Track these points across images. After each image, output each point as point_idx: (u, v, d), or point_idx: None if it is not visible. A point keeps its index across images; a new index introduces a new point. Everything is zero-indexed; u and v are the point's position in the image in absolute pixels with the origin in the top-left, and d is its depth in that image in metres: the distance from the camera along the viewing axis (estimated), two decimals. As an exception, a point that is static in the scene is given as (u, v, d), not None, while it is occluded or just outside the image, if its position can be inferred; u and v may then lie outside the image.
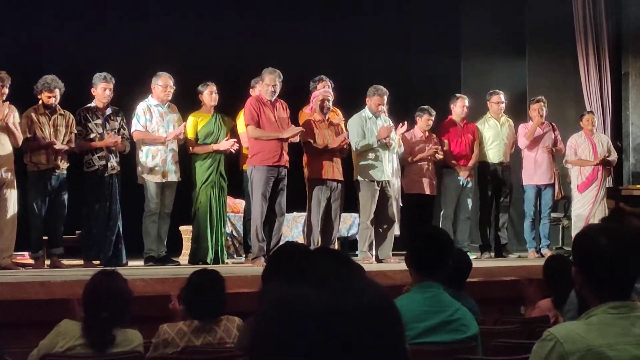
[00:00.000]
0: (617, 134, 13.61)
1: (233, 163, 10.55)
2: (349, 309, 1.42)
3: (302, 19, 13.92)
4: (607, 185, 12.16)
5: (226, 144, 10.20)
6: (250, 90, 10.58)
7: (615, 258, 2.93)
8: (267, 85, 9.93)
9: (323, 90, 10.44)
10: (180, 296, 5.14)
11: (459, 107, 11.66)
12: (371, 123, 10.55)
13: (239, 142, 10.39)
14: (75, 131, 9.73)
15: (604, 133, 12.83)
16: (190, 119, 10.29)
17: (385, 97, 10.64)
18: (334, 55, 13.30)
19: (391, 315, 1.48)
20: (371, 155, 10.46)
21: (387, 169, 10.53)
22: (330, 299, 1.42)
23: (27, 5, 12.37)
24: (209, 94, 10.28)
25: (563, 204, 12.70)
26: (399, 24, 14.62)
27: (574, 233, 11.40)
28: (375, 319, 1.44)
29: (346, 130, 10.54)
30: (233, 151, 10.27)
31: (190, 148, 10.26)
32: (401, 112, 12.15)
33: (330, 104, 10.39)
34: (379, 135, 10.42)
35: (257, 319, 1.49)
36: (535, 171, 11.82)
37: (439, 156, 11.31)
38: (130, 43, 12.66)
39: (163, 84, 10.12)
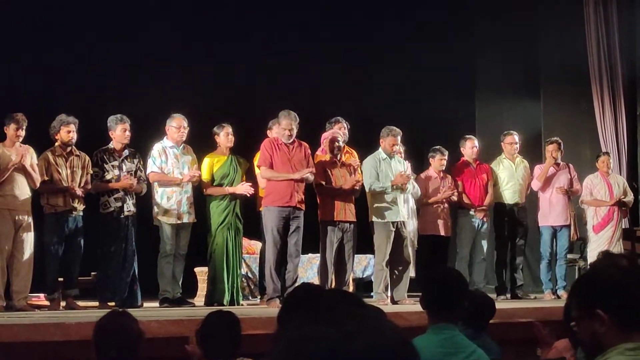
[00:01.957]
0: (633, 174, 13.58)
1: (250, 204, 10.56)
2: (366, 351, 1.42)
3: (317, 60, 13.99)
4: (623, 226, 12.12)
5: (242, 188, 10.21)
6: (268, 131, 10.61)
7: (629, 278, 2.94)
8: (283, 129, 9.96)
9: (332, 130, 10.47)
10: (197, 337, 5.13)
11: (469, 148, 11.69)
12: (385, 164, 10.56)
13: (255, 184, 10.42)
14: (92, 172, 9.78)
15: (620, 174, 12.80)
16: (206, 160, 10.32)
17: (399, 138, 10.66)
18: (349, 97, 13.36)
19: (410, 358, 1.48)
20: (387, 196, 10.45)
21: (403, 210, 10.52)
22: (346, 340, 1.42)
23: (38, 47, 12.45)
24: (225, 136, 10.32)
25: (579, 245, 12.65)
26: (413, 65, 14.66)
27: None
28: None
29: (360, 171, 10.56)
30: (248, 195, 10.27)
31: (205, 190, 10.28)
32: (416, 153, 12.18)
33: (342, 143, 10.40)
34: (394, 181, 10.42)
35: (274, 354, 1.49)
36: (550, 212, 11.79)
37: (454, 198, 11.31)
38: (146, 85, 12.73)
39: (177, 125, 10.17)
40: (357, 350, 1.41)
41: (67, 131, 9.57)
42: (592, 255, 11.68)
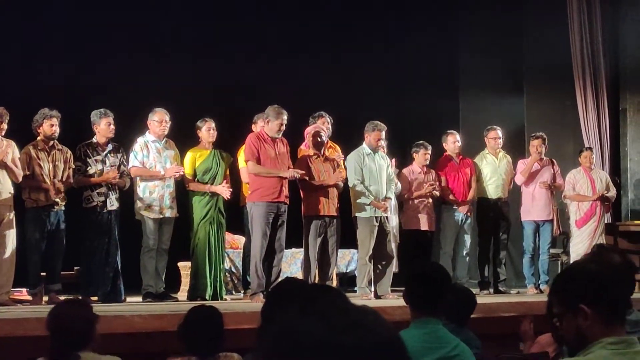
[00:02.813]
0: (616, 169, 13.62)
1: (232, 199, 10.55)
2: (355, 345, 1.41)
3: (300, 55, 13.97)
4: (606, 221, 12.17)
5: (222, 190, 10.21)
6: (253, 125, 10.60)
7: (607, 273, 2.96)
8: (278, 124, 9.93)
9: (314, 125, 10.47)
10: (178, 333, 5.12)
11: (451, 142, 11.72)
12: (369, 159, 10.57)
13: (239, 177, 10.45)
14: (74, 166, 9.75)
15: (603, 169, 12.84)
16: (189, 155, 10.31)
17: (384, 133, 10.67)
18: (332, 92, 13.33)
19: (401, 353, 1.48)
20: (369, 192, 10.46)
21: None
22: (335, 335, 1.42)
23: (20, 40, 12.39)
24: (207, 130, 10.31)
25: (562, 239, 12.68)
26: (396, 60, 14.66)
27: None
28: (384, 357, 1.44)
29: (344, 166, 10.57)
30: (226, 198, 10.23)
31: (188, 185, 10.27)
32: (399, 148, 12.19)
33: (325, 138, 10.41)
34: (372, 203, 10.41)
35: (262, 347, 1.49)
36: (533, 207, 11.82)
37: (436, 193, 11.33)
38: (129, 79, 12.68)
39: (159, 119, 10.16)
40: (347, 345, 1.41)
41: (50, 125, 9.53)
42: (574, 249, 11.72)
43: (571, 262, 11.71)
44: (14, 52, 12.37)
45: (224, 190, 10.22)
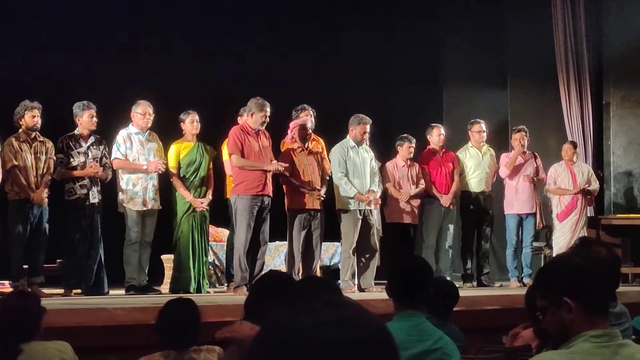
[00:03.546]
0: (599, 163, 13.67)
1: (217, 191, 10.54)
2: (344, 339, 1.41)
3: (284, 48, 13.96)
4: (589, 215, 12.21)
5: (197, 202, 10.22)
6: (238, 118, 10.57)
7: (591, 265, 2.97)
8: (261, 117, 9.91)
9: (302, 118, 10.46)
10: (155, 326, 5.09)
11: (435, 135, 11.73)
12: (353, 152, 10.57)
13: (222, 170, 10.45)
14: (55, 158, 9.70)
15: (586, 162, 12.87)
16: (173, 147, 10.30)
17: (369, 126, 10.68)
18: (315, 86, 13.31)
19: (389, 347, 1.48)
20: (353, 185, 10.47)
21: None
22: (324, 329, 1.41)
23: (2, 33, 12.32)
24: (191, 123, 10.30)
25: (545, 233, 12.72)
26: (380, 54, 14.66)
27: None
28: (372, 350, 1.44)
29: (328, 159, 10.58)
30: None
31: (172, 177, 10.25)
32: (383, 142, 12.18)
33: (311, 131, 10.43)
34: (357, 197, 10.41)
35: (253, 341, 1.48)
36: (516, 200, 11.86)
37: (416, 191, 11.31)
38: (112, 71, 12.65)
39: (142, 112, 10.13)
40: (335, 339, 1.41)
41: (32, 116, 9.49)
42: (556, 243, 11.76)
43: (554, 255, 11.75)
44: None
45: (198, 204, 10.21)
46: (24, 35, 12.52)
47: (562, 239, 11.64)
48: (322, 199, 10.24)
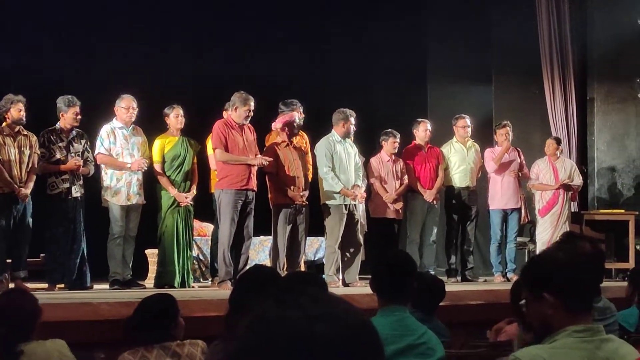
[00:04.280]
0: (583, 159, 13.71)
1: (202, 186, 10.53)
2: (330, 335, 1.42)
3: (268, 43, 13.96)
4: (572, 210, 12.24)
5: (182, 197, 10.21)
6: (223, 113, 10.54)
7: (574, 264, 2.98)
8: (245, 111, 9.91)
9: (291, 113, 10.44)
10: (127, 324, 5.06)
11: (422, 131, 11.72)
12: (340, 147, 10.58)
13: (207, 164, 10.44)
14: (39, 152, 9.66)
15: (569, 158, 12.91)
16: (157, 142, 10.27)
17: (353, 119, 10.69)
18: (300, 81, 13.31)
19: (374, 342, 1.48)
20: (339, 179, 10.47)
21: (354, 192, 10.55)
22: (311, 324, 1.42)
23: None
24: (175, 117, 10.28)
25: (529, 228, 12.75)
26: (365, 49, 14.66)
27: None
28: (357, 345, 1.44)
29: (314, 154, 10.59)
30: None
31: (156, 171, 10.22)
32: (367, 137, 12.19)
33: (298, 127, 10.44)
34: (342, 191, 10.41)
35: (237, 334, 1.48)
36: (501, 195, 11.88)
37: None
38: (94, 65, 12.61)
39: (126, 106, 10.10)
40: (322, 334, 1.41)
41: (18, 109, 9.44)
42: (539, 238, 11.80)
43: (537, 250, 11.79)
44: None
45: (183, 199, 10.20)
46: (5, 27, 12.46)
47: (545, 234, 11.68)
48: (306, 203, 10.25)
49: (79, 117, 9.87)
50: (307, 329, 1.41)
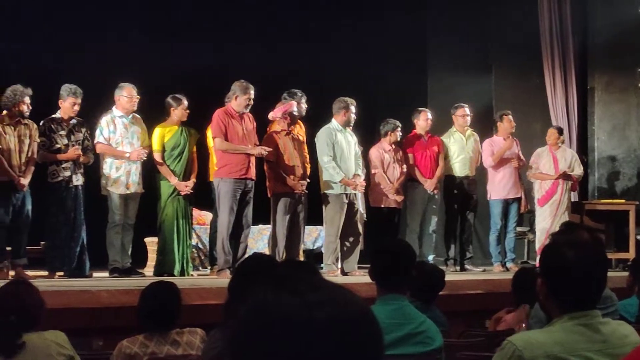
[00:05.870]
0: (583, 148, 13.69)
1: (201, 174, 10.52)
2: (329, 321, 1.41)
3: (269, 33, 13.95)
4: (573, 200, 12.22)
5: (181, 185, 10.20)
6: (226, 103, 10.51)
7: (580, 271, 2.95)
8: (245, 100, 9.92)
9: (291, 102, 10.42)
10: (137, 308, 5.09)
11: (422, 120, 11.68)
12: (341, 136, 10.57)
13: (207, 153, 10.43)
14: (38, 140, 9.65)
15: (570, 147, 12.87)
16: (157, 130, 10.26)
17: (353, 107, 10.70)
18: (300, 69, 13.29)
19: (373, 329, 1.48)
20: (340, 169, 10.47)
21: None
22: (309, 311, 1.42)
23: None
24: (183, 110, 10.24)
25: (529, 217, 12.75)
26: (364, 38, 14.63)
27: (537, 247, 11.48)
28: (356, 332, 1.44)
29: (310, 143, 10.59)
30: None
31: (156, 160, 10.21)
32: (366, 127, 12.16)
33: (296, 114, 10.41)
34: (343, 181, 10.39)
35: (236, 321, 1.49)
36: (501, 185, 11.85)
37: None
38: (93, 54, 12.58)
39: (128, 95, 10.09)
40: (320, 321, 1.41)
41: (27, 104, 9.41)
42: (538, 228, 11.78)
43: (536, 241, 11.78)
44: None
45: (183, 188, 10.20)
46: (7, 16, 12.45)
47: (544, 223, 11.65)
48: (305, 192, 10.26)
49: (77, 107, 9.84)
50: (306, 316, 1.41)
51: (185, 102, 10.28)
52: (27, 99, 9.44)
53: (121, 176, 10.01)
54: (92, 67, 12.11)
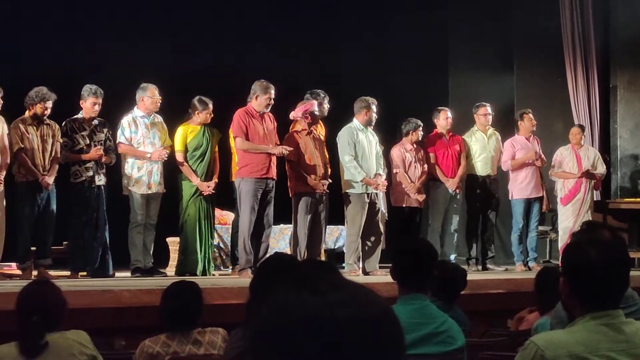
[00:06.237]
0: (605, 147, 13.63)
1: (223, 174, 10.53)
2: (350, 321, 1.42)
3: (290, 33, 13.95)
4: (595, 199, 12.16)
5: (204, 186, 10.22)
6: (249, 103, 10.51)
7: (603, 270, 2.93)
8: (266, 99, 9.94)
9: (312, 102, 10.42)
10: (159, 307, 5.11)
11: (443, 119, 11.66)
12: (362, 135, 10.56)
13: (229, 153, 10.45)
14: (61, 141, 9.69)
15: (592, 146, 12.82)
16: (180, 130, 10.29)
17: (374, 107, 10.69)
18: (321, 70, 13.30)
19: (394, 328, 1.48)
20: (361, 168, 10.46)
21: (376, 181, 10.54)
22: (330, 310, 1.42)
23: (11, 15, 12.30)
24: (207, 114, 10.25)
25: (551, 217, 12.70)
26: (386, 37, 14.61)
27: (560, 246, 11.43)
28: (378, 331, 1.44)
29: (330, 143, 10.59)
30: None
31: (178, 159, 10.22)
32: (387, 126, 12.14)
33: (317, 113, 10.41)
34: (364, 180, 10.39)
35: (257, 319, 1.49)
36: (523, 184, 11.80)
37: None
38: (116, 54, 12.62)
39: (151, 95, 10.12)
40: (342, 320, 1.41)
41: (46, 107, 9.44)
42: (561, 227, 11.74)
43: (559, 240, 11.74)
44: (3, 28, 12.26)
45: (205, 188, 10.22)
46: (35, 20, 12.51)
47: (566, 222, 11.62)
48: (326, 192, 10.26)
49: (97, 107, 9.87)
50: (327, 315, 1.41)
51: (211, 106, 10.29)
52: (49, 103, 9.46)
53: (143, 176, 10.04)
54: (113, 67, 12.14)
